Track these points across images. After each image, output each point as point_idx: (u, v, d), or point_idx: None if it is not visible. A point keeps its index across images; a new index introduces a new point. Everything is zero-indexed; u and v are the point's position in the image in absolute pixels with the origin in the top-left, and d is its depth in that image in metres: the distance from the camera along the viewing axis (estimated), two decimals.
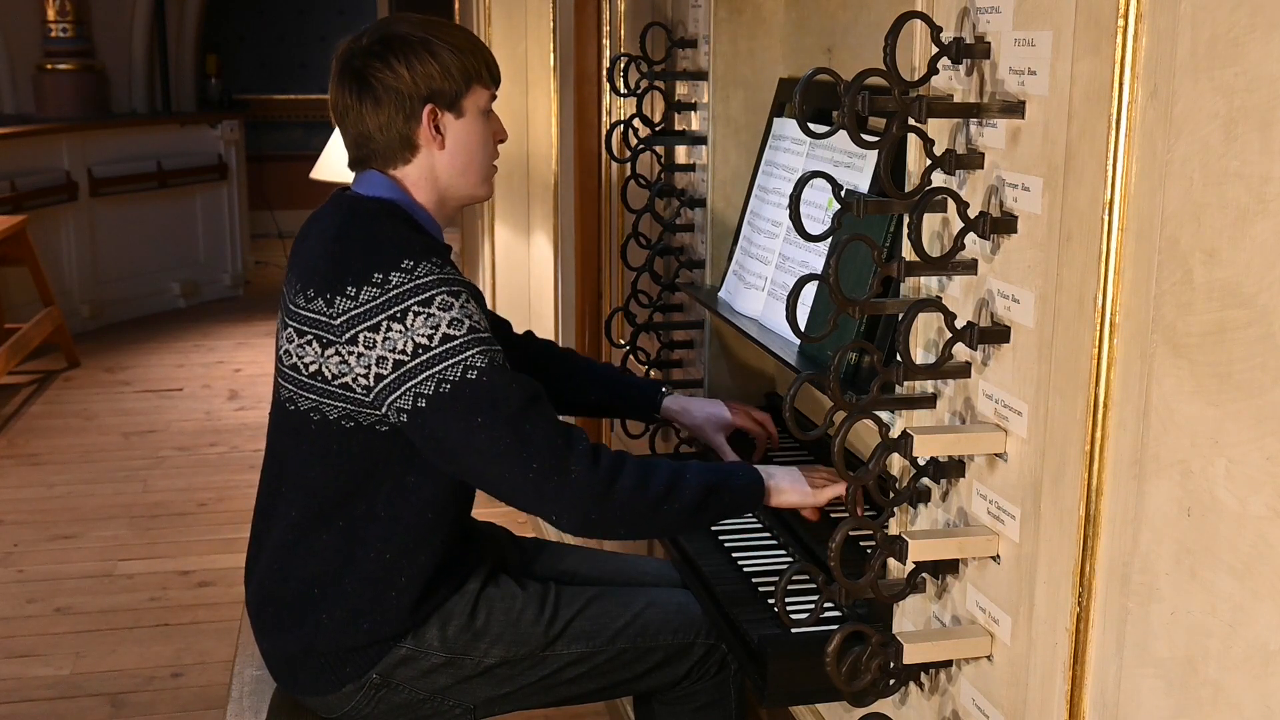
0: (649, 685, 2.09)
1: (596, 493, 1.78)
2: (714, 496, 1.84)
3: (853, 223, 1.35)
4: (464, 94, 1.93)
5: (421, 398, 1.79)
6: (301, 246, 1.97)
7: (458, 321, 1.79)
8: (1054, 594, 1.21)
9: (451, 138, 1.94)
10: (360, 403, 1.85)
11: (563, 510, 1.80)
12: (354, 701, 1.98)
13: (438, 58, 1.90)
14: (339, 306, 1.82)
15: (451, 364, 1.78)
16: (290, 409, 1.93)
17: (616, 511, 1.80)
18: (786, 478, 1.88)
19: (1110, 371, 1.10)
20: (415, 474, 1.91)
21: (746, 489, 1.86)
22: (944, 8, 1.37)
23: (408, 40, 1.90)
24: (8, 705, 3.30)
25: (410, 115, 1.91)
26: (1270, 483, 0.92)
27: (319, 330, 1.85)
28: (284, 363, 1.93)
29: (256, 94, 10.09)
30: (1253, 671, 0.96)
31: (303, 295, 1.87)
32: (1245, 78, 0.93)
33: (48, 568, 4.16)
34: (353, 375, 1.83)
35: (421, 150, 1.94)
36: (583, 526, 1.81)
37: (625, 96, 2.58)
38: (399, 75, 1.89)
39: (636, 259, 2.62)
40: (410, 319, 1.79)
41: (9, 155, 6.73)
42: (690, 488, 1.82)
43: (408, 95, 1.89)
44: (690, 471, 1.84)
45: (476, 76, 1.94)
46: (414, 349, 1.78)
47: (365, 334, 1.80)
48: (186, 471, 5.07)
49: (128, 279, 7.63)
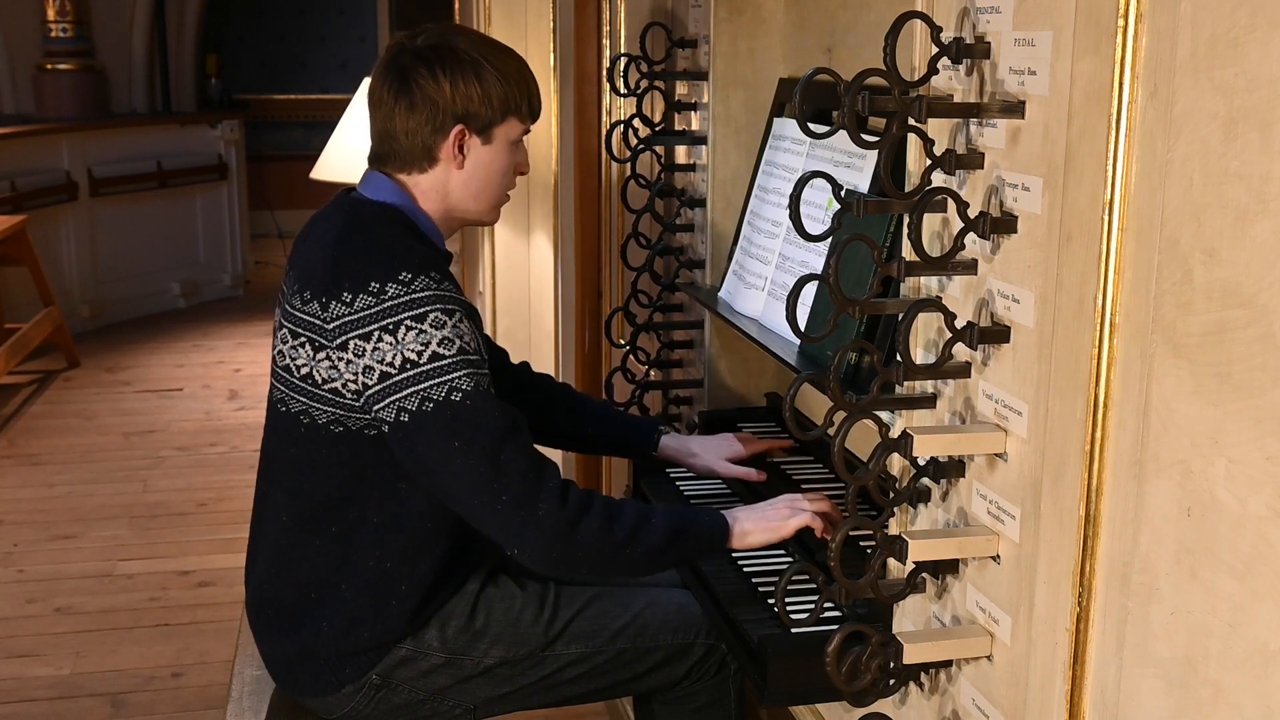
0: (649, 685, 2.09)
1: (560, 532, 1.78)
2: (678, 541, 1.84)
3: (853, 223, 1.35)
4: (498, 123, 1.93)
5: (405, 412, 1.78)
6: (302, 247, 1.97)
7: (448, 341, 1.79)
8: (1054, 594, 1.21)
9: (473, 161, 1.94)
10: (350, 408, 1.85)
11: (525, 545, 1.79)
12: (353, 702, 1.98)
13: (483, 81, 1.90)
14: (333, 311, 1.82)
15: (437, 383, 1.77)
16: (282, 410, 1.93)
17: (579, 552, 1.80)
18: (750, 519, 1.87)
19: (1110, 371, 1.10)
20: (407, 482, 1.90)
21: (711, 534, 1.86)
22: (944, 8, 1.37)
23: (459, 56, 1.90)
24: (8, 705, 3.30)
25: (439, 129, 1.90)
26: (1270, 483, 0.92)
27: (312, 333, 1.85)
28: (278, 363, 1.94)
29: (256, 94, 10.09)
30: (1253, 671, 0.96)
31: (299, 297, 1.87)
32: (1245, 78, 0.93)
33: (48, 568, 4.16)
34: (341, 381, 1.83)
35: (440, 164, 1.93)
36: (545, 564, 1.82)
37: (625, 96, 2.58)
38: (440, 88, 1.88)
39: (636, 259, 2.62)
40: (402, 332, 1.78)
41: (9, 155, 6.73)
42: (655, 531, 1.82)
43: (442, 109, 1.89)
44: (656, 515, 1.84)
45: (515, 109, 1.94)
46: (402, 363, 1.78)
47: (356, 341, 1.80)
48: (186, 471, 5.07)
49: (128, 279, 7.63)
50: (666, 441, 2.25)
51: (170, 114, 8.28)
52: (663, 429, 2.27)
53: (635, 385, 2.61)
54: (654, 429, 2.27)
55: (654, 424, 2.29)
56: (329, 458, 1.90)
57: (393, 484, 1.91)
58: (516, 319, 4.29)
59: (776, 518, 1.87)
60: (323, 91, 10.33)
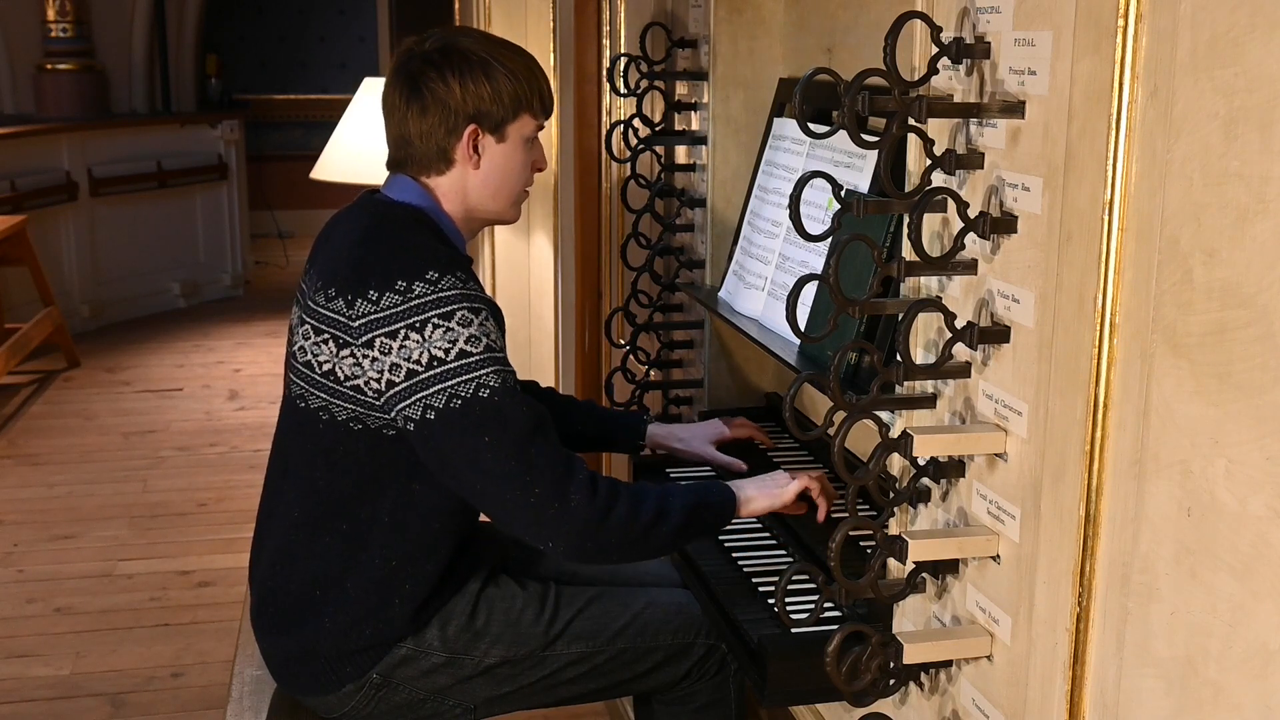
0: (649, 685, 2.09)
1: (593, 521, 1.79)
2: (696, 516, 1.87)
3: (853, 223, 1.35)
4: (510, 120, 1.94)
5: (431, 409, 1.79)
6: (324, 246, 1.98)
7: (475, 339, 1.80)
8: (1054, 594, 1.21)
9: (488, 160, 1.95)
10: (371, 406, 1.85)
11: (559, 537, 1.80)
12: (354, 701, 1.98)
13: (492, 80, 1.91)
14: (359, 309, 1.82)
15: (465, 380, 1.78)
16: (300, 406, 1.94)
17: (610, 538, 1.81)
18: (752, 485, 1.93)
19: (1110, 371, 1.10)
20: (420, 482, 1.90)
21: (723, 505, 1.90)
22: (944, 8, 1.37)
23: (467, 56, 1.91)
24: (8, 705, 3.30)
25: (452, 130, 1.92)
26: (1270, 483, 0.92)
27: (336, 330, 1.85)
28: (297, 359, 1.93)
29: (256, 94, 10.10)
30: (1253, 671, 0.96)
31: (323, 294, 1.87)
32: (1245, 78, 0.93)
33: (48, 568, 4.16)
34: (365, 378, 1.83)
35: (457, 165, 1.94)
36: (578, 553, 1.83)
37: (625, 96, 2.58)
38: (450, 89, 1.90)
39: (636, 259, 2.62)
40: (429, 331, 1.79)
41: (9, 155, 6.73)
42: (676, 510, 1.85)
43: (454, 110, 1.90)
44: (674, 495, 1.87)
45: (527, 105, 1.95)
46: (429, 360, 1.79)
47: (382, 339, 1.80)
48: (186, 471, 5.07)
49: (128, 279, 7.63)
50: (654, 429, 2.28)
51: (170, 114, 8.28)
52: (647, 418, 2.31)
53: (635, 385, 2.61)
54: (639, 420, 2.30)
55: (637, 417, 2.32)
56: (346, 454, 1.90)
57: (406, 484, 1.91)
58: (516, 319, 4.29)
59: (775, 485, 1.92)
60: (323, 91, 10.33)
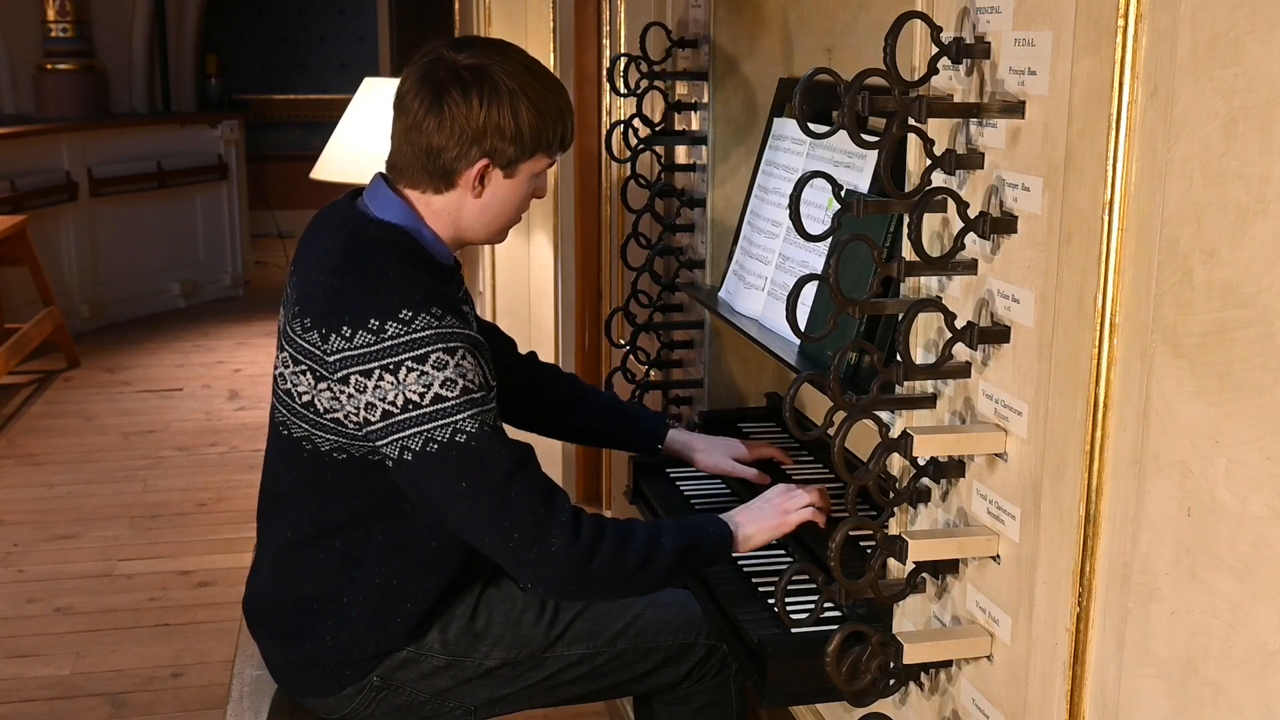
0: (649, 686, 2.09)
1: (576, 565, 1.76)
2: (688, 558, 1.83)
3: (853, 223, 1.35)
4: (525, 159, 1.87)
5: (409, 451, 1.75)
6: (304, 257, 1.91)
7: (451, 382, 1.74)
8: (1054, 594, 1.21)
9: (491, 192, 1.88)
10: (353, 437, 1.82)
11: (539, 579, 1.78)
12: (354, 703, 1.98)
13: (518, 116, 1.82)
14: (333, 344, 1.77)
15: (441, 425, 1.74)
16: (284, 434, 1.91)
17: (592, 582, 1.79)
18: (750, 522, 1.87)
19: (1110, 371, 1.10)
20: (412, 502, 1.88)
21: (718, 545, 1.85)
22: (944, 8, 1.37)
23: (498, 86, 1.81)
24: (8, 705, 3.30)
25: (462, 156, 1.83)
26: (1270, 483, 0.92)
27: (313, 363, 1.81)
28: (279, 385, 1.90)
29: (256, 94, 10.09)
30: (1253, 671, 0.96)
31: (300, 323, 1.83)
32: (1245, 78, 0.93)
33: (48, 568, 4.16)
34: (344, 412, 1.80)
35: (457, 190, 1.87)
36: (559, 595, 1.83)
37: (625, 96, 2.58)
38: (472, 114, 1.81)
39: (636, 259, 2.62)
40: (403, 373, 1.74)
41: (9, 155, 6.72)
42: (665, 553, 1.81)
43: (471, 138, 1.82)
44: (665, 534, 1.82)
45: (546, 146, 1.88)
46: (404, 403, 1.74)
47: (357, 377, 1.76)
48: (186, 471, 5.07)
49: (128, 279, 7.63)
50: (674, 436, 2.23)
51: (170, 114, 8.28)
52: (670, 423, 2.26)
53: (635, 385, 2.61)
54: (660, 423, 2.25)
55: (660, 418, 2.27)
56: (334, 482, 1.88)
57: (398, 505, 1.89)
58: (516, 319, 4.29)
59: (775, 516, 1.87)
60: (323, 91, 10.32)
